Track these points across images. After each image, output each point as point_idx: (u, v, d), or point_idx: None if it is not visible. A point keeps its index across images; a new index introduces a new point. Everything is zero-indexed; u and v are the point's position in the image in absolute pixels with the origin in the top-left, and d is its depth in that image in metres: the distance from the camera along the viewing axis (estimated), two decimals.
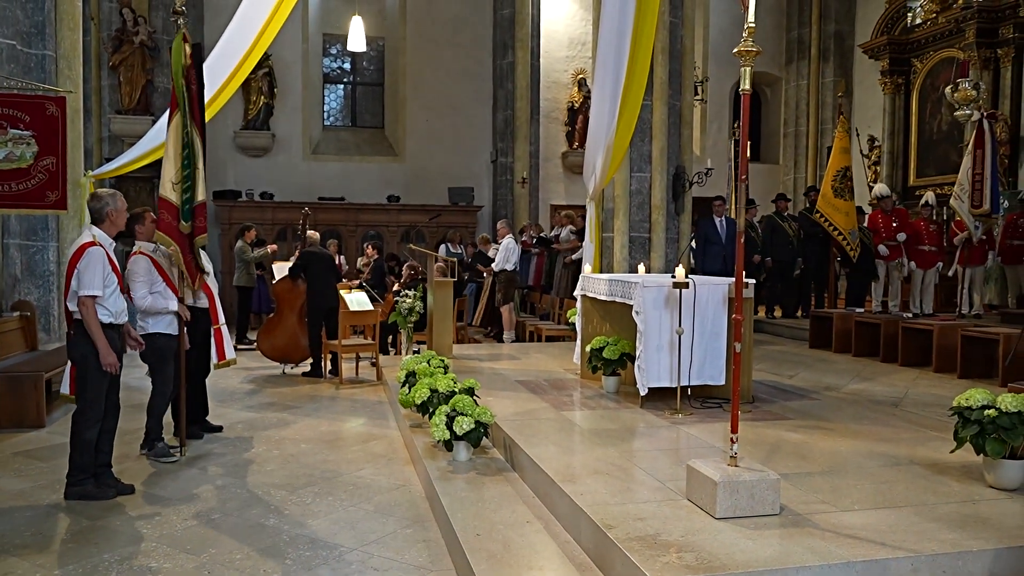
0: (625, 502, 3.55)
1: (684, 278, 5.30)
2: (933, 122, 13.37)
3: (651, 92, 9.14)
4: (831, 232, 10.21)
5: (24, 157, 5.84)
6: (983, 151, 9.39)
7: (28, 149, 5.84)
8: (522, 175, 15.91)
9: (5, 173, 5.86)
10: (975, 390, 3.83)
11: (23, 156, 5.84)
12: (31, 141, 5.82)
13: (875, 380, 7.15)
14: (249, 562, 3.68)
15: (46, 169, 5.87)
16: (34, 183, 5.84)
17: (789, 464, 4.16)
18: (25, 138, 5.87)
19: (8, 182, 5.87)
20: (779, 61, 17.03)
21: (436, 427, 4.76)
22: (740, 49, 3.42)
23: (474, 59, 16.35)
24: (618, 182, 9.34)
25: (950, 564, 2.99)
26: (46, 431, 6.14)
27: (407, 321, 8.46)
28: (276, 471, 5.15)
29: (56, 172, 5.90)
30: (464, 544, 3.51)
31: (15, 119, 5.87)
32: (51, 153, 5.89)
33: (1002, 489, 3.73)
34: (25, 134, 5.88)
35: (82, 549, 3.82)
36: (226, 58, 7.29)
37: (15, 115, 5.89)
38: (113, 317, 4.59)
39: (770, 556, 2.93)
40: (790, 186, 16.33)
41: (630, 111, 7.31)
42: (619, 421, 5.23)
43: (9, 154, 5.86)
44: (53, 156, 5.89)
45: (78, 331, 4.48)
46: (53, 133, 5.93)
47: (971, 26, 11.81)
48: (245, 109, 15.10)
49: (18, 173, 5.85)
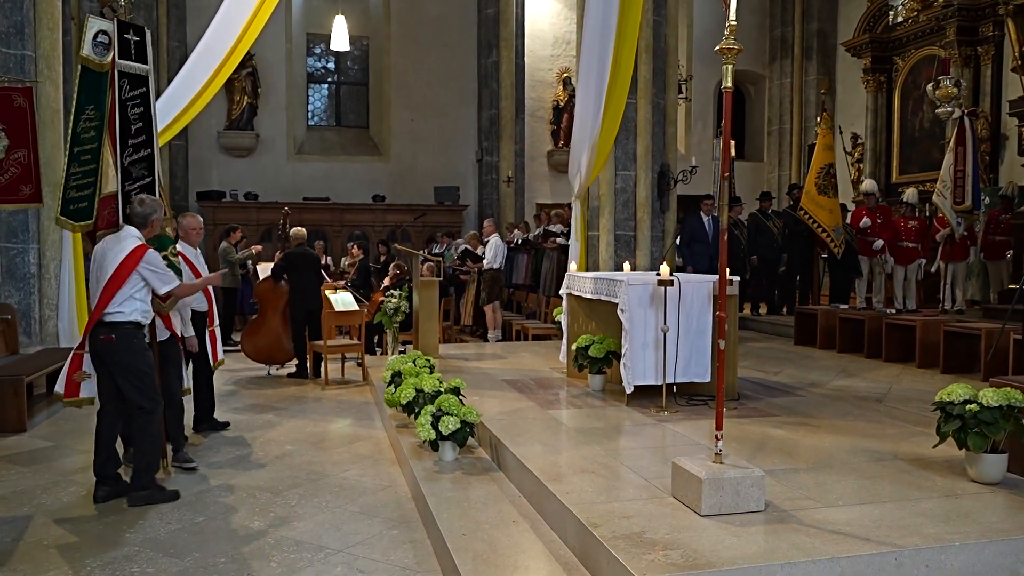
0: (611, 500, 3.55)
1: (669, 276, 5.31)
2: (915, 120, 13.46)
3: (635, 90, 9.16)
4: (815, 229, 10.26)
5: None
6: (964, 148, 9.47)
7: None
8: (508, 174, 15.91)
9: None
10: (957, 385, 3.86)
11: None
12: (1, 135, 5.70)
13: (859, 376, 7.19)
14: (234, 565, 3.65)
15: (18, 163, 5.74)
16: (7, 177, 5.71)
17: (774, 461, 4.18)
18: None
19: None
20: (762, 59, 17.10)
21: (422, 427, 4.74)
22: (722, 47, 3.42)
23: (459, 58, 16.33)
24: (603, 180, 9.35)
25: (933, 558, 3.01)
26: (27, 435, 6.07)
27: (393, 321, 8.43)
28: (261, 473, 5.12)
29: (29, 164, 5.76)
30: (450, 544, 3.50)
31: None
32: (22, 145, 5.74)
33: (984, 483, 3.76)
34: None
35: (63, 555, 3.78)
36: (208, 58, 7.22)
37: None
38: (147, 318, 4.64)
39: (755, 553, 2.94)
40: (774, 184, 16.39)
41: (614, 109, 7.32)
42: (605, 419, 5.23)
43: None
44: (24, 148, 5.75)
45: (121, 335, 4.43)
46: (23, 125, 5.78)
47: (952, 24, 11.90)
48: (229, 109, 15.02)
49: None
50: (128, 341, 4.46)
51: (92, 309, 4.52)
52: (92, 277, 4.59)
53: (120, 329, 4.43)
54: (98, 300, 4.45)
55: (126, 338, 4.45)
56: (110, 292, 4.41)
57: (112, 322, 4.43)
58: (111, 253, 4.50)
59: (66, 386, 4.69)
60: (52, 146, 7.40)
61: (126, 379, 4.47)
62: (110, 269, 4.43)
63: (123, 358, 4.46)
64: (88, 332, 4.52)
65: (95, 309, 4.46)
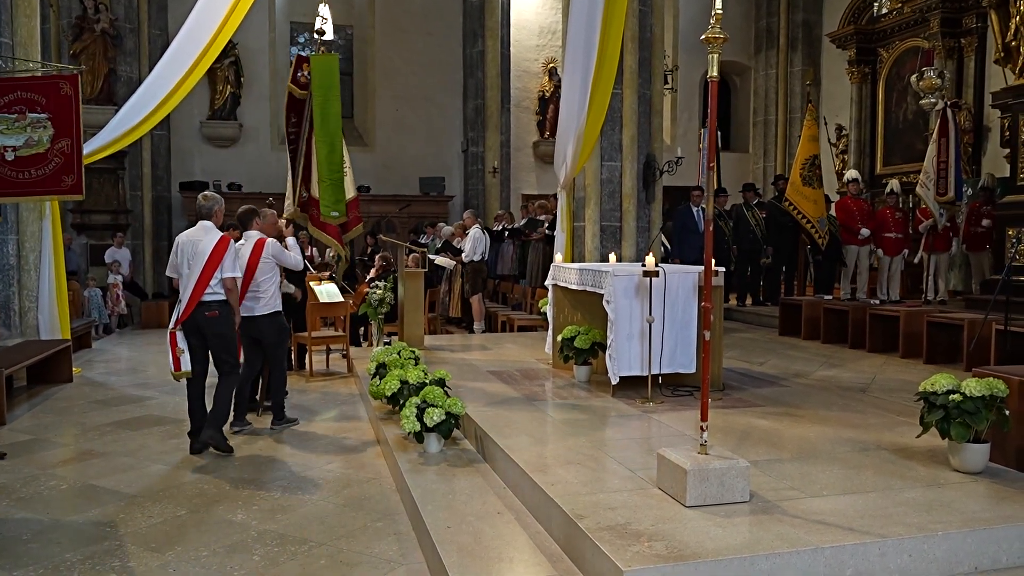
0: (596, 492, 3.55)
1: (654, 266, 5.30)
2: (899, 111, 13.52)
3: (621, 81, 9.12)
4: (800, 220, 10.30)
5: (42, 141, 5.70)
6: (947, 139, 9.52)
7: (45, 132, 5.71)
8: (493, 164, 15.86)
9: (25, 160, 5.68)
10: (940, 375, 3.88)
11: (40, 140, 5.69)
12: (47, 124, 5.67)
13: (843, 366, 7.23)
14: (215, 559, 3.62)
15: (61, 152, 5.71)
16: (51, 168, 5.69)
17: (759, 451, 4.19)
18: (42, 121, 5.71)
19: (27, 169, 5.68)
20: (748, 50, 17.12)
21: (406, 419, 4.71)
22: (708, 36, 3.41)
23: (444, 48, 16.23)
24: (589, 171, 9.33)
25: (916, 547, 3.02)
26: (7, 428, 5.99)
27: (378, 312, 8.39)
28: (244, 465, 5.08)
29: (71, 155, 5.74)
30: (434, 536, 3.49)
31: (32, 102, 5.71)
32: (66, 135, 5.72)
33: (966, 472, 3.78)
34: (42, 117, 5.72)
35: (43, 549, 3.73)
36: (189, 46, 7.14)
37: (32, 98, 5.72)
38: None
39: (740, 543, 2.94)
40: (760, 175, 16.45)
41: (600, 100, 7.28)
42: (590, 410, 5.23)
43: (28, 139, 5.72)
44: (68, 138, 5.72)
45: (222, 311, 5.28)
46: (67, 114, 5.76)
47: (935, 16, 11.95)
48: (211, 98, 14.87)
49: (36, 159, 5.69)
50: (226, 316, 5.33)
51: (192, 291, 5.16)
52: (182, 264, 5.28)
53: (220, 306, 5.27)
54: (196, 283, 5.17)
55: (225, 313, 5.31)
56: (207, 276, 5.18)
57: (212, 301, 5.23)
58: (200, 244, 5.25)
59: (173, 363, 5.32)
60: None
61: (218, 346, 5.36)
62: (203, 258, 5.18)
63: (220, 329, 5.32)
64: (189, 310, 5.20)
65: (195, 290, 5.16)
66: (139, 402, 7.02)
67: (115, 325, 12.08)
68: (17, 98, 5.62)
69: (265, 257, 5.75)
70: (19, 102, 5.64)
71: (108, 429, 5.88)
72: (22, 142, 5.62)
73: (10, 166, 5.55)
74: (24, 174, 5.60)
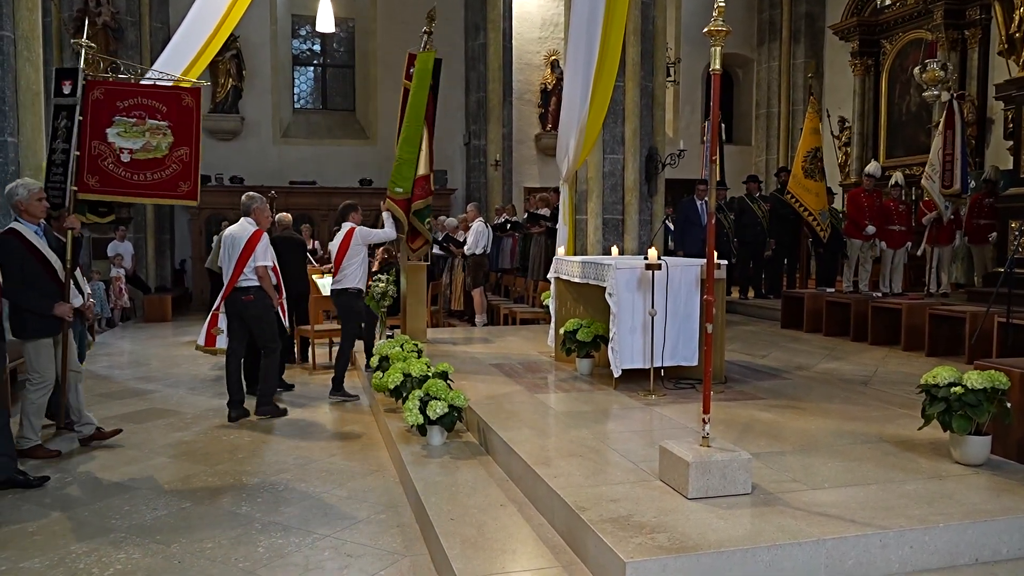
0: (598, 484, 3.56)
1: (657, 259, 5.30)
2: (902, 103, 13.47)
3: (623, 73, 9.11)
4: (802, 213, 10.28)
5: (160, 147, 6.00)
6: (953, 132, 9.48)
7: (164, 140, 5.98)
8: (495, 157, 15.84)
9: (141, 163, 5.91)
10: (942, 368, 3.88)
11: (159, 146, 5.99)
12: (167, 132, 5.91)
13: (845, 359, 7.23)
14: (220, 551, 3.64)
15: (180, 159, 5.97)
16: (167, 173, 5.97)
17: (761, 444, 4.20)
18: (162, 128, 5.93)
19: (144, 171, 5.91)
20: (751, 42, 17.05)
21: (409, 412, 4.73)
22: (710, 28, 3.40)
23: (445, 40, 16.12)
24: (591, 164, 9.32)
25: (917, 539, 3.03)
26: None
27: (380, 305, 8.39)
28: (248, 458, 5.10)
29: (189, 163, 6.04)
30: (438, 528, 3.50)
31: (153, 109, 5.98)
32: (185, 143, 6.01)
33: (968, 465, 3.79)
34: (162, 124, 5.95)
35: (49, 541, 3.76)
36: (191, 39, 7.14)
37: (153, 105, 5.99)
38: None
39: (742, 535, 2.95)
40: (762, 167, 16.40)
41: (602, 92, 7.28)
42: (593, 403, 5.24)
43: (146, 144, 5.95)
44: (187, 147, 6.01)
45: (257, 295, 6.01)
46: (188, 124, 6.01)
47: (939, 7, 11.89)
48: (213, 92, 14.85)
49: (153, 163, 5.96)
50: (261, 300, 6.04)
51: (230, 277, 5.96)
52: (224, 255, 6.06)
53: (255, 292, 6.00)
54: (233, 271, 5.96)
55: (260, 297, 6.03)
56: (241, 264, 5.95)
57: (247, 287, 5.98)
58: (238, 238, 6.02)
59: (206, 338, 6.08)
60: (32, 128, 7.30)
61: (258, 327, 6.10)
62: (239, 248, 5.96)
63: (256, 312, 6.04)
64: (226, 295, 5.99)
65: (232, 276, 5.95)
66: (143, 395, 7.05)
67: (118, 319, 12.11)
68: (137, 103, 5.90)
69: (355, 242, 6.72)
70: (139, 108, 5.91)
71: (112, 422, 5.90)
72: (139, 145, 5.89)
73: (125, 167, 5.81)
74: (139, 176, 5.86)
